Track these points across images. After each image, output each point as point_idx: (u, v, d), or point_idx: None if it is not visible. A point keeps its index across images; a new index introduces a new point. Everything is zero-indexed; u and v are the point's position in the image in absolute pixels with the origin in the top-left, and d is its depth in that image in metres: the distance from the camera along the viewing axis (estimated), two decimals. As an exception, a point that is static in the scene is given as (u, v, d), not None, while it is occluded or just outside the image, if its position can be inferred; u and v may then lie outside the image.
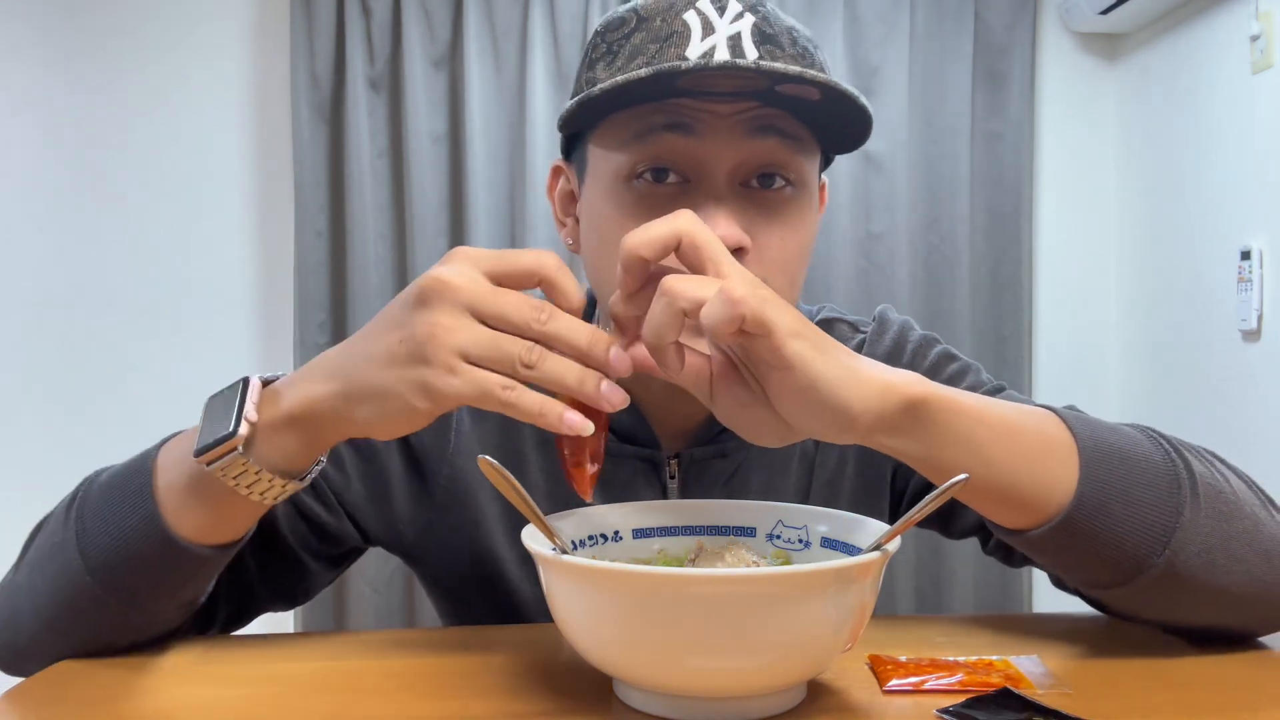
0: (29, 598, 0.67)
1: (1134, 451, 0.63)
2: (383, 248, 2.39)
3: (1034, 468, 0.60)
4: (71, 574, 0.64)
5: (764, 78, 0.65)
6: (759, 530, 0.68)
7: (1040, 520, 0.60)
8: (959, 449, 0.58)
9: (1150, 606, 0.65)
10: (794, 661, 0.54)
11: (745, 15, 0.70)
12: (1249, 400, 2.08)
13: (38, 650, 0.67)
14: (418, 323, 0.54)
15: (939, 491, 0.54)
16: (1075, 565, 0.64)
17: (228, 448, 0.58)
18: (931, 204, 2.49)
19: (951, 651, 0.66)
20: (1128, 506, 0.60)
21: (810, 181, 0.74)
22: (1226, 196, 2.15)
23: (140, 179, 2.44)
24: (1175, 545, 0.60)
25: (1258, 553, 0.63)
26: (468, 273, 0.55)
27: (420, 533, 0.82)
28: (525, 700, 0.59)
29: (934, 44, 2.49)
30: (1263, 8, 2.01)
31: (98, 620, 0.65)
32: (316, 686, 0.63)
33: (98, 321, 2.43)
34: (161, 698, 0.62)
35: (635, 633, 0.53)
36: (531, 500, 0.58)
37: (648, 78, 0.65)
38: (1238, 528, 0.63)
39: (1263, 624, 0.67)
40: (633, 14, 0.72)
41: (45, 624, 0.66)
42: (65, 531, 0.65)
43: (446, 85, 2.40)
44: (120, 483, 0.65)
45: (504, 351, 0.53)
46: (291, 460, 0.61)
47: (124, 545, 0.63)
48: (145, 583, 0.64)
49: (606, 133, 0.73)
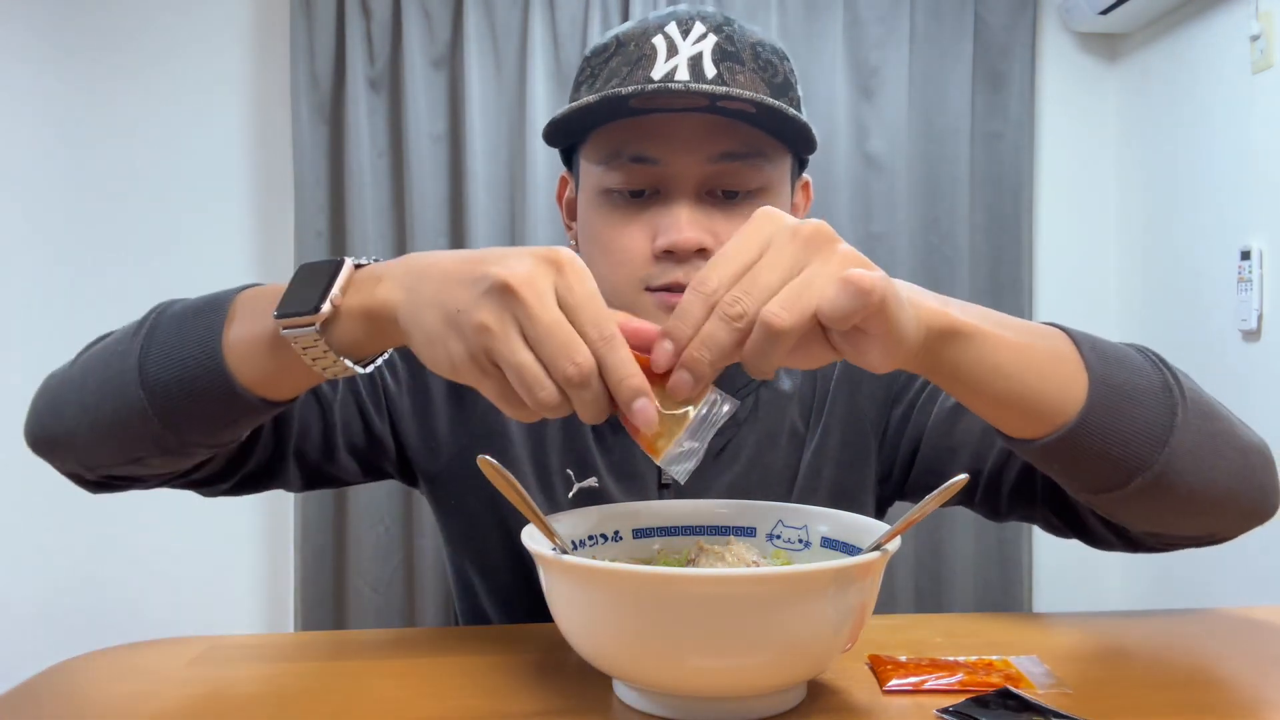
0: (77, 391, 0.70)
1: (1131, 361, 0.67)
2: (383, 248, 2.39)
3: (1048, 380, 0.63)
4: (124, 381, 0.66)
5: (702, 96, 0.73)
6: (759, 530, 0.68)
7: (1053, 428, 0.63)
8: (982, 368, 0.61)
9: (1144, 508, 0.68)
10: (794, 661, 0.54)
11: (709, 36, 0.78)
12: (1249, 400, 2.08)
13: (71, 442, 0.71)
14: (479, 308, 0.55)
15: (938, 491, 0.54)
16: (1082, 470, 0.66)
17: (306, 321, 0.61)
18: (931, 204, 2.49)
19: (951, 651, 0.66)
20: (1131, 410, 0.64)
21: (775, 184, 0.81)
22: (1226, 196, 2.15)
23: (140, 179, 2.44)
24: (1172, 444, 0.64)
25: (1236, 449, 0.68)
26: (545, 281, 0.54)
27: (454, 457, 0.87)
28: (525, 700, 0.59)
29: (934, 44, 2.49)
30: (1263, 8, 2.02)
31: (135, 432, 0.67)
32: (316, 686, 0.63)
33: (98, 322, 2.41)
34: (161, 698, 0.62)
35: (635, 633, 0.53)
36: (531, 500, 0.58)
37: (596, 103, 0.75)
38: (1219, 427, 0.68)
39: (1237, 523, 0.71)
40: (614, 40, 0.81)
41: (86, 419, 0.69)
42: (131, 343, 0.68)
43: (446, 85, 2.40)
44: (193, 313, 0.68)
45: (527, 385, 0.53)
46: (358, 347, 0.63)
47: (181, 371, 0.65)
48: (189, 411, 0.66)
49: (590, 148, 0.82)
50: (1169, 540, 0.73)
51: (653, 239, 0.78)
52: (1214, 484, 0.67)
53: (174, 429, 0.66)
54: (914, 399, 0.89)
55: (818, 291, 0.52)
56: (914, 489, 0.91)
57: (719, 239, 0.77)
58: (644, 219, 0.79)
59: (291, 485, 0.84)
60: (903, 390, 0.90)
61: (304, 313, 0.61)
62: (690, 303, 0.53)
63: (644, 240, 0.79)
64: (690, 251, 0.76)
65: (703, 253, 0.77)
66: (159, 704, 0.61)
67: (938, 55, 2.49)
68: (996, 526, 2.53)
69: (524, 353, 0.53)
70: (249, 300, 0.67)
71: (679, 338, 0.53)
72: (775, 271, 0.53)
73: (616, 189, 0.80)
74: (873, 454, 0.90)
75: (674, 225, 0.76)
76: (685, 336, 0.53)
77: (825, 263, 0.53)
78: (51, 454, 0.74)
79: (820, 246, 0.54)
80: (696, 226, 0.77)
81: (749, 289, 0.53)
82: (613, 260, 0.80)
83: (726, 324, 0.52)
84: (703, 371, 0.53)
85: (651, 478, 0.86)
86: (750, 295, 0.52)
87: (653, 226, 0.78)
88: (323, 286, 0.62)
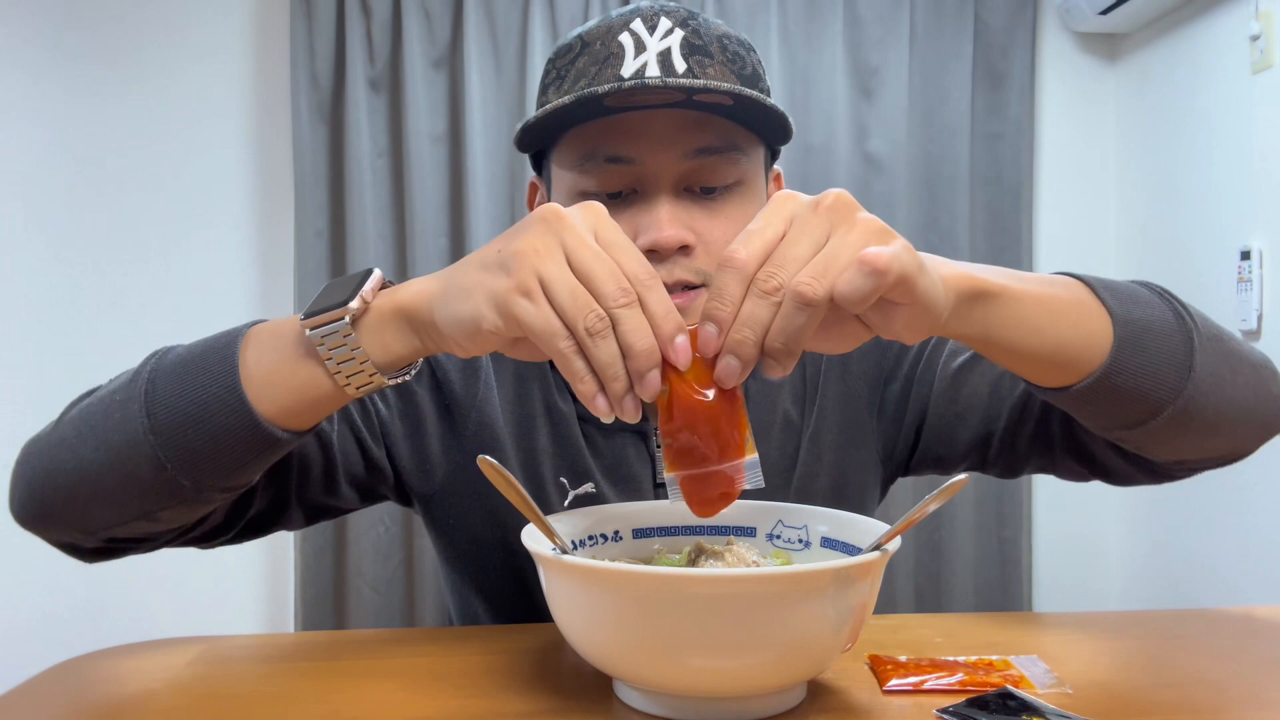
0: (71, 450, 0.66)
1: (1142, 296, 0.69)
2: (383, 248, 2.39)
3: (1076, 328, 0.65)
4: (130, 431, 0.63)
5: (679, 91, 0.72)
6: (759, 530, 0.68)
7: (1086, 373, 0.65)
8: (1012, 325, 0.63)
9: (1174, 435, 0.69)
10: (794, 661, 0.54)
11: (675, 31, 0.77)
12: (1249, 400, 2.08)
13: (69, 506, 0.66)
14: (519, 238, 0.55)
15: (938, 491, 0.54)
16: (1116, 409, 0.68)
17: (336, 315, 0.60)
18: (931, 204, 2.49)
19: (951, 651, 0.66)
20: (1154, 343, 0.66)
21: (750, 178, 0.81)
22: (1226, 197, 2.15)
23: (140, 179, 2.44)
24: (1195, 370, 0.66)
25: (1249, 366, 0.71)
26: (586, 221, 0.56)
27: (448, 475, 0.86)
28: (525, 700, 0.59)
29: (934, 44, 2.49)
30: (1263, 8, 2.02)
31: (146, 484, 0.64)
32: (316, 686, 0.63)
33: (99, 322, 2.43)
34: (161, 698, 0.62)
35: (635, 633, 0.53)
36: (531, 500, 0.58)
37: (572, 104, 0.73)
38: (1230, 347, 0.71)
39: (1257, 436, 0.74)
40: (578, 40, 0.80)
41: (87, 478, 0.65)
42: (130, 393, 0.65)
43: (446, 85, 2.40)
44: (200, 353, 0.66)
45: (577, 307, 0.54)
46: (387, 351, 0.62)
47: (198, 410, 0.63)
48: (208, 451, 0.63)
49: (561, 152, 0.80)
50: (1192, 465, 0.75)
51: (634, 239, 0.77)
52: (1235, 402, 0.69)
53: (190, 474, 0.63)
54: (910, 374, 0.89)
55: (844, 262, 0.52)
56: (922, 461, 0.91)
57: (700, 236, 0.77)
58: (623, 220, 0.78)
59: (294, 525, 0.83)
60: (895, 367, 0.90)
61: (333, 307, 0.61)
62: (725, 282, 0.53)
63: None
64: (673, 249, 0.76)
65: (685, 250, 0.76)
66: (159, 704, 0.61)
67: (938, 55, 2.49)
68: (996, 526, 2.53)
69: (572, 278, 0.54)
70: (263, 330, 0.66)
71: (722, 319, 0.53)
72: (802, 244, 0.53)
73: (593, 192, 0.78)
74: (871, 433, 0.90)
75: (654, 224, 0.75)
76: (728, 316, 0.53)
77: (849, 231, 0.53)
78: (45, 524, 0.69)
79: (844, 215, 0.54)
80: (677, 223, 0.76)
81: (781, 262, 0.53)
82: None
83: (764, 300, 0.52)
84: (749, 353, 0.53)
85: (646, 478, 0.85)
86: (784, 269, 0.52)
87: (633, 226, 0.77)
88: (352, 288, 0.62)
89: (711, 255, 0.77)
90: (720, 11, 2.42)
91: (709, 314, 0.54)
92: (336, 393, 0.63)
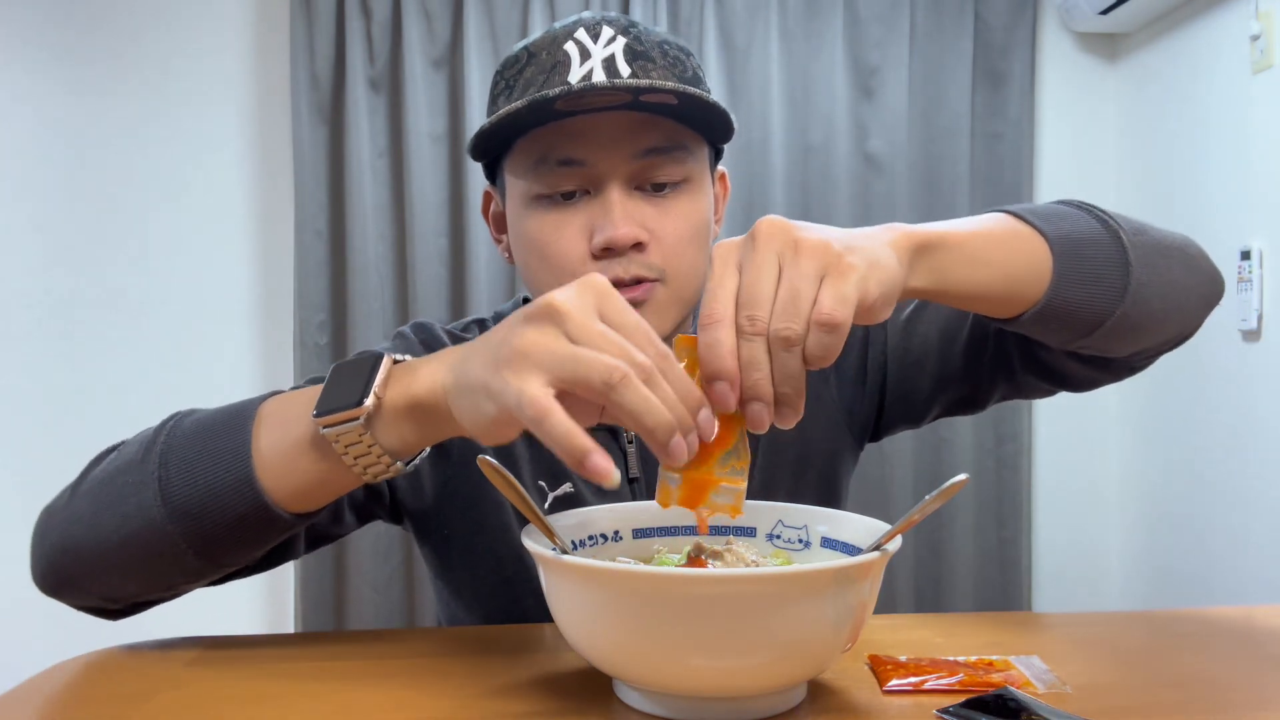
0: (90, 531, 0.66)
1: (1066, 214, 0.73)
2: (383, 248, 2.39)
3: (1019, 255, 0.69)
4: (149, 518, 0.64)
5: (626, 92, 0.75)
6: (759, 530, 0.68)
7: (1037, 296, 0.69)
8: (961, 267, 0.66)
9: (1127, 333, 0.74)
10: (794, 661, 0.54)
11: (618, 38, 0.80)
12: (1249, 400, 2.08)
13: (93, 582, 0.68)
14: (522, 334, 0.55)
15: (938, 492, 0.54)
16: (1072, 322, 0.72)
17: (350, 415, 0.60)
18: (931, 204, 2.49)
19: (951, 651, 0.66)
20: (1091, 253, 0.71)
21: (697, 175, 0.84)
22: (1226, 196, 2.15)
23: (140, 179, 2.44)
24: (1133, 267, 0.71)
25: (1177, 249, 0.77)
26: (586, 306, 0.55)
27: (439, 489, 0.86)
28: (525, 700, 0.59)
29: (934, 44, 2.49)
30: (1263, 8, 2.02)
31: (168, 565, 0.66)
32: (316, 686, 0.63)
33: (98, 321, 2.43)
34: (161, 698, 0.62)
35: (635, 633, 0.53)
36: (531, 499, 0.58)
37: (524, 109, 0.75)
38: (1155, 237, 0.75)
39: (1201, 312, 0.79)
40: (524, 51, 0.82)
41: (108, 560, 0.66)
42: (143, 473, 0.65)
43: (446, 85, 2.40)
44: (213, 434, 0.66)
45: (587, 370, 0.52)
46: (403, 443, 0.62)
47: (213, 499, 0.64)
48: (226, 538, 0.65)
49: (515, 159, 0.83)
50: (1149, 353, 0.80)
51: (589, 238, 0.80)
52: (1175, 284, 0.75)
53: (209, 555, 0.66)
54: (863, 335, 0.92)
55: (807, 298, 0.55)
56: (891, 418, 0.94)
57: (653, 233, 0.80)
58: (578, 219, 0.80)
59: (297, 556, 0.83)
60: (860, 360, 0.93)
61: (347, 407, 0.60)
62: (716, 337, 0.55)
63: (580, 240, 0.80)
64: (628, 246, 0.78)
65: (639, 247, 0.79)
66: (158, 704, 0.61)
67: (937, 55, 2.49)
68: (996, 526, 2.53)
69: (569, 348, 0.53)
70: (275, 410, 0.66)
71: (728, 371, 0.54)
72: (763, 283, 0.55)
73: (547, 195, 0.81)
74: (832, 401, 0.92)
75: (609, 221, 0.78)
76: (732, 366, 0.54)
77: (796, 258, 0.56)
78: (70, 595, 0.70)
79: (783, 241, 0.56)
80: (630, 221, 0.78)
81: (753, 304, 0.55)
82: (552, 264, 0.81)
83: (756, 341, 0.55)
84: (767, 390, 0.55)
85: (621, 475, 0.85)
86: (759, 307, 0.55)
87: (588, 225, 0.80)
88: (363, 381, 0.61)
89: (664, 251, 0.80)
90: (720, 12, 2.42)
91: (713, 373, 0.54)
92: (352, 480, 0.65)
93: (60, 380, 2.43)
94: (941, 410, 0.92)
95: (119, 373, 2.43)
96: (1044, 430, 2.61)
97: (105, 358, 2.43)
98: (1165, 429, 2.39)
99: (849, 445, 0.94)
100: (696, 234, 0.83)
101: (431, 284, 2.37)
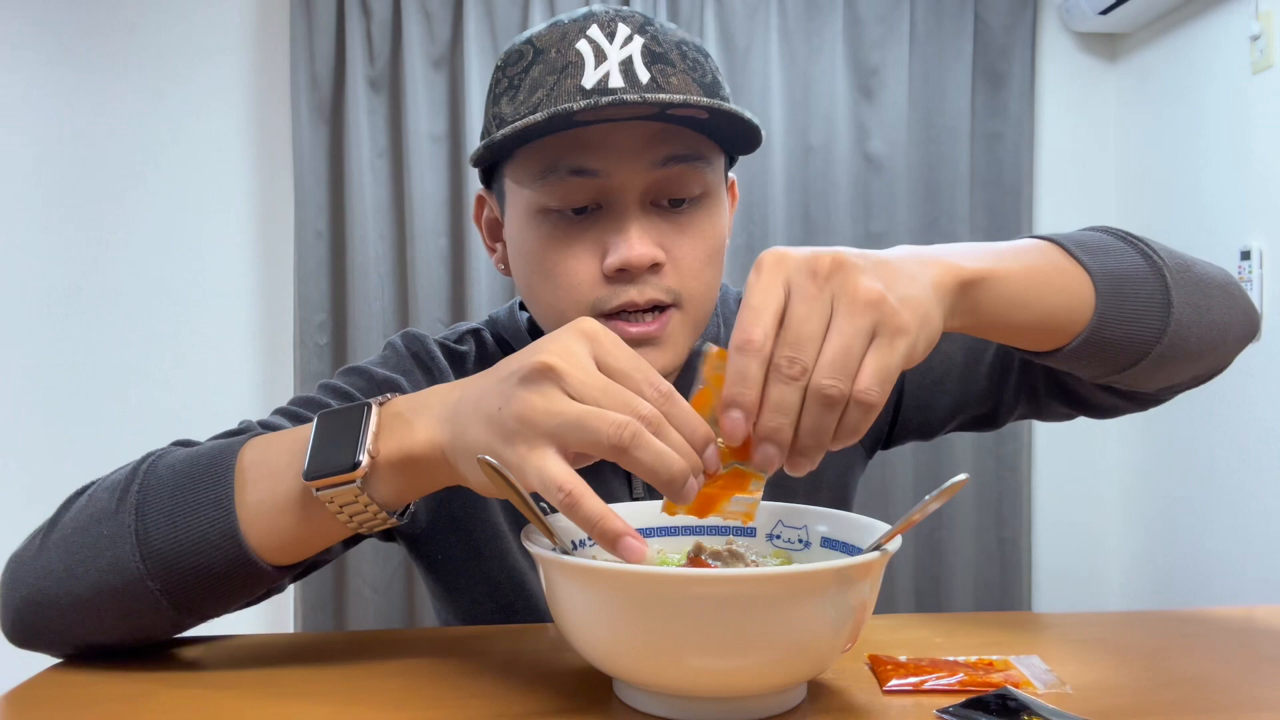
0: (64, 584, 0.63)
1: (1110, 246, 0.70)
2: (383, 248, 2.39)
3: (1061, 293, 0.66)
4: (127, 573, 0.61)
5: (653, 107, 0.69)
6: (759, 530, 0.68)
7: (1073, 334, 0.67)
8: (1002, 305, 0.64)
9: (1162, 369, 0.71)
10: (794, 661, 0.54)
11: (635, 38, 0.73)
12: (1249, 400, 2.08)
13: (66, 635, 0.65)
14: (518, 397, 0.53)
15: (939, 491, 0.54)
16: (1108, 359, 0.69)
17: (345, 479, 0.57)
18: (931, 204, 2.50)
19: (951, 651, 0.66)
20: (1133, 290, 0.68)
21: (715, 188, 0.78)
22: (1226, 197, 2.15)
23: (141, 179, 2.44)
24: (1174, 305, 0.68)
25: (1217, 287, 0.73)
26: (583, 356, 0.53)
27: (434, 509, 0.84)
28: (525, 700, 0.59)
29: (934, 44, 2.49)
30: (1263, 8, 2.02)
31: (145, 619, 0.63)
32: (317, 687, 0.63)
33: (98, 322, 2.43)
34: (160, 699, 0.62)
35: (635, 633, 0.53)
36: (531, 499, 0.58)
37: (543, 122, 0.68)
38: (1197, 274, 0.72)
39: (1236, 349, 0.77)
40: (529, 46, 0.75)
41: (83, 614, 0.63)
42: (118, 524, 0.62)
43: (446, 85, 2.40)
44: (192, 483, 0.62)
45: (592, 435, 0.51)
46: (399, 496, 0.61)
47: (195, 556, 0.61)
48: (208, 593, 0.63)
49: (518, 167, 0.76)
50: (1180, 388, 0.77)
51: (601, 258, 0.74)
52: (1214, 324, 0.72)
53: (189, 610, 0.63)
54: None
55: (856, 355, 0.51)
56: (903, 431, 0.92)
57: (670, 253, 0.75)
58: (589, 238, 0.74)
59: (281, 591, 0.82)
60: None
61: (340, 470, 0.57)
62: (746, 366, 0.51)
63: (592, 261, 0.74)
64: (644, 268, 0.73)
65: (656, 269, 0.74)
66: (159, 704, 0.61)
67: (937, 55, 2.49)
68: (996, 526, 2.53)
69: (574, 408, 0.51)
70: (257, 459, 0.63)
71: (748, 404, 0.52)
72: (813, 322, 0.52)
73: (555, 208, 0.74)
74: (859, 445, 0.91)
75: (624, 241, 0.72)
76: (753, 402, 0.51)
77: (853, 310, 0.52)
78: (41, 647, 0.66)
79: (843, 286, 0.52)
80: (648, 241, 0.73)
81: (797, 344, 0.51)
82: (559, 285, 0.75)
83: (792, 385, 0.51)
84: (786, 438, 0.52)
85: (617, 473, 0.83)
86: (803, 350, 0.51)
87: (600, 245, 0.74)
88: (354, 438, 0.58)
89: (680, 273, 0.75)
90: (720, 12, 2.42)
91: (733, 400, 0.52)
92: (344, 534, 0.63)
93: (61, 380, 2.43)
94: (956, 427, 0.90)
95: (120, 373, 2.43)
96: (1044, 430, 2.61)
97: (106, 358, 2.43)
98: (1165, 429, 2.39)
99: (860, 459, 0.93)
100: (713, 255, 0.78)
101: (431, 284, 2.37)
